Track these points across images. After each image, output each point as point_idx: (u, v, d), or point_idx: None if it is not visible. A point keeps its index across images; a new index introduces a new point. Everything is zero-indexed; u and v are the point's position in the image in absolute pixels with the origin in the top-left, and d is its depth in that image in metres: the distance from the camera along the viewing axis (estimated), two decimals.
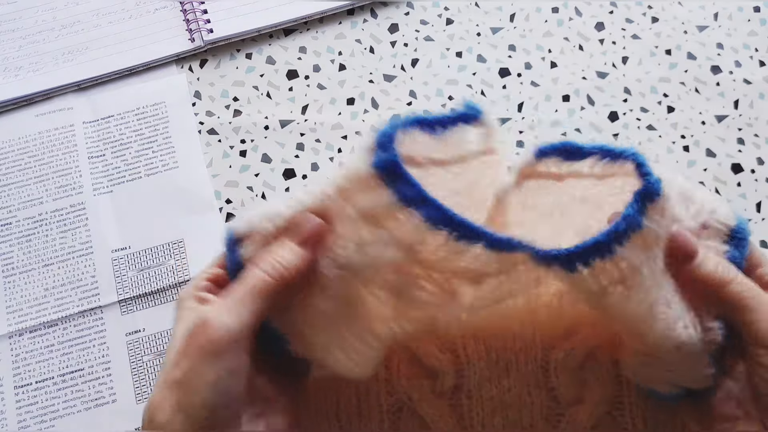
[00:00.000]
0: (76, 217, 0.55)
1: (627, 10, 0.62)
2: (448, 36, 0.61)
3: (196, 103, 0.59)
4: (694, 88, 0.59)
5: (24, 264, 0.53)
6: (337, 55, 0.61)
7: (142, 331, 0.51)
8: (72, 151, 0.57)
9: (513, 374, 0.47)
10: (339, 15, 0.62)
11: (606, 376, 0.46)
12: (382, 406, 0.46)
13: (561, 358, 0.47)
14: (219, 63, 0.61)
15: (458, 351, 0.48)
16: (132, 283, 0.52)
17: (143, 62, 0.60)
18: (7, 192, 0.55)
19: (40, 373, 0.50)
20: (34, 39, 0.62)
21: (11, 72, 0.60)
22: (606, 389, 0.46)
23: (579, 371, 0.47)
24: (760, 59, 0.60)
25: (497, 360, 0.47)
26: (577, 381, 0.47)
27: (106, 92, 0.59)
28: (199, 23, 0.61)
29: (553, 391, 0.47)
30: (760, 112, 0.58)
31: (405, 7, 0.63)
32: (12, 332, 0.51)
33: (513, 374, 0.47)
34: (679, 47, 0.60)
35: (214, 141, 0.57)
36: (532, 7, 0.62)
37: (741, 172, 0.56)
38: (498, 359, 0.47)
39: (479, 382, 0.47)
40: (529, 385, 0.47)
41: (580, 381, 0.47)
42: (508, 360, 0.47)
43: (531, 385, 0.47)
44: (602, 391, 0.46)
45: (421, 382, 0.47)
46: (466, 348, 0.48)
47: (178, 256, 0.53)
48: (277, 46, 0.61)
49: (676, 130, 0.57)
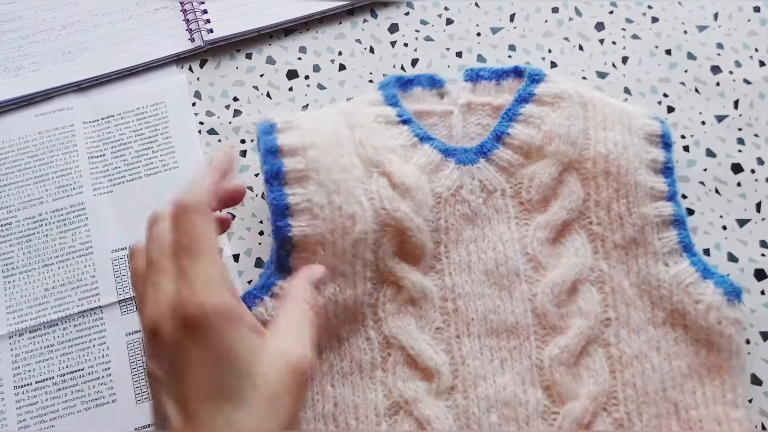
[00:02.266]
0: (76, 217, 0.55)
1: (627, 10, 0.62)
2: (448, 36, 0.61)
3: (196, 103, 0.59)
4: (694, 88, 0.59)
5: (24, 264, 0.53)
6: (337, 55, 0.61)
7: (142, 331, 0.51)
8: (72, 151, 0.57)
9: (508, 372, 0.47)
10: (339, 15, 0.62)
11: (600, 371, 0.47)
12: (379, 408, 0.47)
13: (555, 354, 0.47)
14: (219, 63, 0.61)
15: (453, 351, 0.48)
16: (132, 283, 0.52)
17: (143, 62, 0.60)
18: (7, 192, 0.56)
19: (40, 373, 0.50)
20: (34, 39, 0.62)
21: (11, 72, 0.60)
22: (600, 384, 0.47)
23: (573, 367, 0.47)
24: (760, 59, 0.60)
25: (492, 358, 0.48)
26: (572, 377, 0.47)
27: (106, 92, 0.59)
28: (199, 23, 0.61)
29: (548, 389, 0.47)
30: (760, 112, 0.58)
31: (405, 7, 0.63)
32: (12, 332, 0.51)
33: (508, 372, 0.47)
34: (679, 47, 0.60)
35: (214, 141, 0.57)
36: (532, 7, 0.62)
37: (741, 172, 0.56)
38: (492, 357, 0.48)
39: (474, 381, 0.47)
40: (525, 383, 0.47)
41: (575, 377, 0.47)
42: (502, 358, 0.48)
43: (526, 382, 0.47)
44: (597, 386, 0.46)
45: (417, 384, 0.47)
46: (461, 348, 0.48)
47: None
48: (277, 46, 0.61)
49: (676, 130, 0.57)
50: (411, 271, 0.49)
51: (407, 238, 0.49)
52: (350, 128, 0.51)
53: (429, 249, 0.49)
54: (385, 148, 0.50)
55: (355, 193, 0.48)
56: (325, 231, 0.47)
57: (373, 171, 0.49)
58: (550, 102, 0.52)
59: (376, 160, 0.50)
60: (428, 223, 0.49)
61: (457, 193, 0.51)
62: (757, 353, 0.50)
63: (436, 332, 0.48)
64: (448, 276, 0.49)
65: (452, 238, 0.50)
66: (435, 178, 0.51)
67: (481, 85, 0.55)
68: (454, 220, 0.50)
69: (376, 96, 0.54)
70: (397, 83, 0.55)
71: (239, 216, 0.55)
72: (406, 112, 0.53)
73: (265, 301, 0.47)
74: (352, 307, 0.48)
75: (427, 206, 0.50)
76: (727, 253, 0.53)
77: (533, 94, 0.53)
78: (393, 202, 0.48)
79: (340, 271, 0.47)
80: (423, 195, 0.49)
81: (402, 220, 0.48)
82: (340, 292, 0.47)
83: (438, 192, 0.50)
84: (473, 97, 0.55)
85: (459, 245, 0.50)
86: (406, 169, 0.50)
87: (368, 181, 0.49)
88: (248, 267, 0.53)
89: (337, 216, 0.47)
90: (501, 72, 0.55)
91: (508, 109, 0.53)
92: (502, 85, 0.55)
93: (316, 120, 0.51)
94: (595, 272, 0.49)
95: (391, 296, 0.49)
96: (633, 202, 0.50)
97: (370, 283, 0.48)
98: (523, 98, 0.53)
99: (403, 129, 0.52)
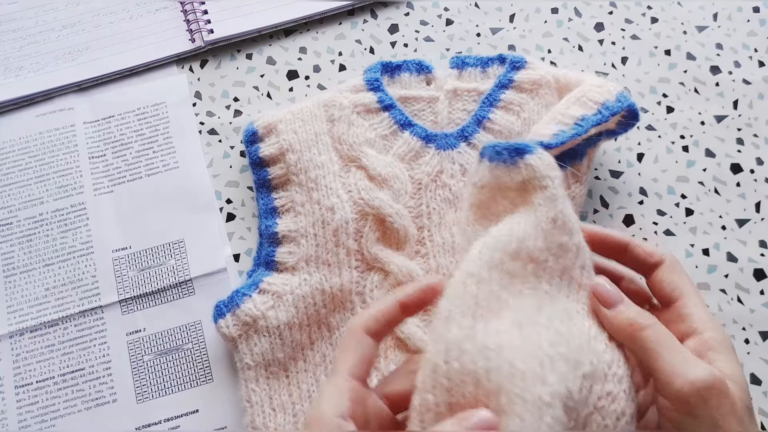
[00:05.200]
0: (76, 217, 0.55)
1: (626, 11, 0.62)
2: (448, 36, 0.61)
3: (197, 103, 0.59)
4: (693, 89, 0.59)
5: (25, 264, 0.53)
6: (338, 55, 0.61)
7: (142, 330, 0.51)
8: (73, 151, 0.57)
9: None
10: (339, 15, 0.62)
11: None
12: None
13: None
14: (219, 63, 0.61)
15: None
16: (132, 283, 0.52)
17: (144, 62, 0.60)
18: (7, 192, 0.56)
19: (40, 372, 0.50)
20: (35, 39, 0.62)
21: (12, 72, 0.60)
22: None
23: None
24: (759, 59, 0.60)
25: None
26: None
27: (106, 92, 0.59)
28: (200, 23, 0.61)
29: None
30: (759, 112, 0.58)
31: (405, 8, 0.63)
32: (13, 332, 0.51)
33: None
34: (678, 47, 0.60)
35: (215, 141, 0.58)
36: (532, 7, 0.62)
37: (740, 172, 0.56)
38: None
39: None
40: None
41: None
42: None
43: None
44: None
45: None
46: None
47: (178, 256, 0.53)
48: (278, 46, 0.61)
49: (676, 130, 0.57)
50: (396, 255, 0.50)
51: (389, 225, 0.50)
52: (330, 122, 0.53)
53: (412, 233, 0.50)
54: (362, 143, 0.52)
55: (332, 186, 0.51)
56: (306, 224, 0.50)
57: (350, 166, 0.52)
58: (529, 89, 0.54)
59: (352, 156, 0.52)
60: (409, 209, 0.51)
61: (437, 178, 0.52)
62: (757, 353, 0.50)
63: (424, 314, 0.48)
64: (433, 258, 0.50)
65: (435, 222, 0.51)
66: (415, 164, 0.52)
67: (467, 72, 0.56)
68: (435, 204, 0.51)
69: (359, 81, 0.55)
70: (384, 69, 0.56)
71: (239, 216, 0.55)
72: (388, 97, 0.54)
73: (253, 298, 0.48)
74: (340, 296, 0.49)
75: (407, 193, 0.51)
76: (726, 253, 0.53)
77: (512, 80, 0.54)
78: (370, 192, 0.50)
79: (324, 261, 0.49)
80: (401, 183, 0.51)
81: (380, 207, 0.50)
82: (327, 281, 0.49)
83: (418, 178, 0.52)
84: (459, 83, 0.56)
85: (442, 228, 0.51)
86: (383, 161, 0.52)
87: (346, 175, 0.51)
88: (248, 266, 0.53)
89: (317, 209, 0.50)
90: (486, 60, 0.57)
91: (488, 95, 0.54)
92: (487, 71, 0.56)
93: (297, 118, 0.54)
94: None
95: (378, 282, 0.50)
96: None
97: (356, 271, 0.49)
98: (503, 84, 0.54)
99: (383, 116, 0.54)
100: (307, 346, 0.48)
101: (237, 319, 0.48)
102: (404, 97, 0.56)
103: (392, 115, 0.54)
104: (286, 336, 0.48)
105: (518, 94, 0.54)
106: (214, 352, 0.50)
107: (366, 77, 0.56)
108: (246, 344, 0.48)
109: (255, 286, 0.49)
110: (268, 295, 0.49)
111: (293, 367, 0.48)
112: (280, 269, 0.50)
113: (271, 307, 0.48)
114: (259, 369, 0.48)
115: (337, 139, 0.53)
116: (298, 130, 0.53)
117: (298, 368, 0.48)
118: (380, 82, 0.55)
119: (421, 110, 0.56)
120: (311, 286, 0.49)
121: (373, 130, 0.53)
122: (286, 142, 0.52)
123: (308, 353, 0.48)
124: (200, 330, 0.51)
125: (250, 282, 0.50)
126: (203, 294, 0.52)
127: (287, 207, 0.52)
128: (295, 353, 0.48)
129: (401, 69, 0.57)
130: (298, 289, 0.49)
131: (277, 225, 0.51)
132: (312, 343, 0.48)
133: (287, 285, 0.49)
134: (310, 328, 0.48)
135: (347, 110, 0.53)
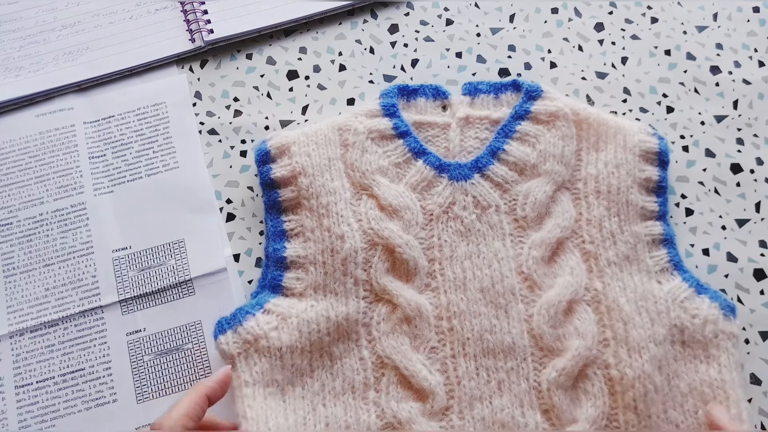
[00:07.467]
0: (76, 217, 0.55)
1: (626, 11, 0.62)
2: (448, 36, 0.61)
3: (197, 103, 0.59)
4: (693, 89, 0.59)
5: (25, 264, 0.53)
6: (338, 55, 0.61)
7: (142, 330, 0.51)
8: (73, 151, 0.57)
9: (506, 394, 0.47)
10: (339, 15, 0.62)
11: (599, 394, 0.46)
12: (372, 429, 0.46)
13: (553, 377, 0.46)
14: (219, 63, 0.61)
15: (448, 371, 0.48)
16: (132, 283, 0.52)
17: (144, 62, 0.60)
18: (7, 192, 0.56)
19: (40, 372, 0.50)
20: (35, 39, 0.62)
21: (12, 72, 0.60)
22: (599, 407, 0.46)
23: (572, 390, 0.47)
24: (759, 59, 0.60)
25: (488, 379, 0.47)
26: (570, 400, 0.46)
27: (106, 92, 0.59)
28: (200, 23, 0.61)
29: (547, 412, 0.46)
30: (759, 112, 0.58)
31: (405, 8, 0.63)
32: (13, 332, 0.51)
33: (506, 394, 0.47)
34: (678, 47, 0.60)
35: (215, 141, 0.58)
36: (532, 7, 0.62)
37: (740, 172, 0.56)
38: (489, 378, 0.47)
39: (470, 402, 0.47)
40: (523, 405, 0.47)
41: (573, 400, 0.47)
42: (499, 379, 0.47)
43: (524, 405, 0.47)
44: (596, 409, 0.46)
45: (411, 405, 0.47)
46: (457, 368, 0.48)
47: (178, 256, 0.53)
48: (278, 46, 0.61)
49: (676, 130, 0.57)
50: (405, 288, 0.49)
51: (398, 255, 0.49)
52: (344, 146, 0.53)
53: (422, 265, 0.50)
54: (374, 171, 0.52)
55: (343, 214, 0.50)
56: (316, 251, 0.50)
57: (362, 194, 0.51)
58: (545, 120, 0.53)
59: (364, 184, 0.51)
60: (420, 240, 0.50)
61: (449, 210, 0.51)
62: (757, 353, 0.50)
63: (431, 352, 0.48)
64: (443, 294, 0.49)
65: (446, 255, 0.50)
66: (427, 195, 0.52)
67: (479, 99, 0.56)
68: (447, 236, 0.50)
69: (375, 106, 0.54)
70: (400, 93, 0.56)
71: (239, 216, 0.55)
72: (404, 124, 0.54)
73: (257, 317, 0.48)
74: (345, 326, 0.48)
75: (418, 224, 0.50)
76: (726, 253, 0.53)
77: (529, 111, 0.54)
78: (381, 222, 0.50)
79: (331, 289, 0.49)
80: (412, 214, 0.50)
81: (390, 237, 0.49)
82: (333, 309, 0.48)
83: (429, 209, 0.51)
84: (471, 110, 0.55)
85: (453, 262, 0.50)
86: (395, 191, 0.51)
87: (357, 203, 0.51)
88: (248, 267, 0.53)
89: (327, 237, 0.50)
90: (499, 86, 0.56)
91: (504, 125, 0.53)
92: (500, 98, 0.56)
93: (311, 141, 0.53)
94: (591, 292, 0.49)
95: (385, 315, 0.49)
96: (624, 220, 0.50)
97: (364, 302, 0.49)
98: (519, 115, 0.54)
99: (398, 143, 0.53)
100: (307, 373, 0.47)
101: (238, 337, 0.48)
102: (419, 122, 0.55)
103: (407, 142, 0.53)
104: (287, 359, 0.47)
105: (534, 126, 0.53)
106: (214, 352, 0.50)
107: (382, 102, 0.55)
108: (245, 362, 0.47)
109: (260, 306, 0.49)
110: (273, 315, 0.48)
111: (291, 392, 0.47)
112: (287, 294, 0.49)
113: (274, 327, 0.48)
114: (258, 387, 0.47)
115: (350, 166, 0.52)
116: (311, 154, 0.52)
117: (296, 394, 0.47)
118: (396, 108, 0.54)
119: (435, 136, 0.55)
120: (317, 312, 0.48)
121: (386, 158, 0.53)
122: (299, 165, 0.52)
123: (307, 380, 0.47)
124: (200, 330, 0.51)
125: (254, 302, 0.49)
126: (203, 294, 0.52)
127: (296, 231, 0.51)
128: (294, 378, 0.47)
129: (417, 93, 0.56)
130: (304, 313, 0.48)
131: (285, 249, 0.50)
132: (312, 370, 0.48)
133: (293, 308, 0.48)
134: (311, 355, 0.48)
135: (362, 136, 0.53)
